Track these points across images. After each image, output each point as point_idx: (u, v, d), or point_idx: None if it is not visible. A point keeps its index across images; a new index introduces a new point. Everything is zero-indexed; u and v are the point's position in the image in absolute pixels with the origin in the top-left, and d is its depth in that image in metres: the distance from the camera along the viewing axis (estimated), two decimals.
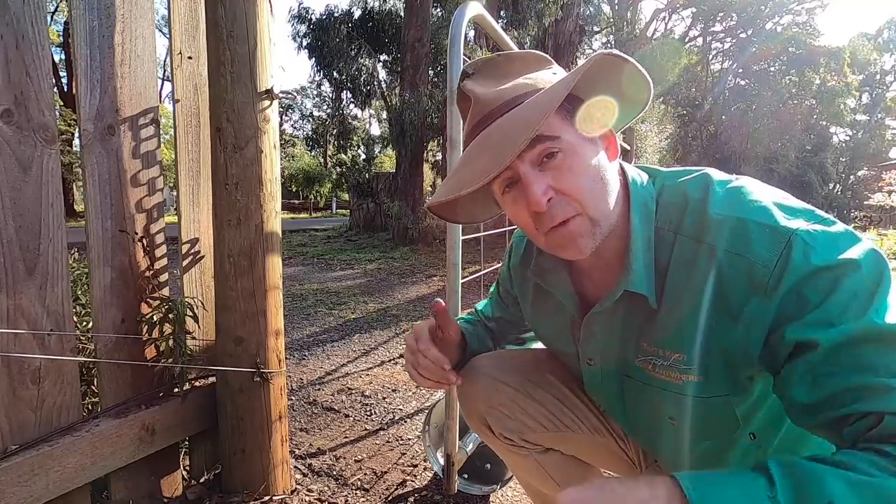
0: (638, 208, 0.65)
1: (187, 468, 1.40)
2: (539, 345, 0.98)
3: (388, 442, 1.74)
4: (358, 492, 1.43)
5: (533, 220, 0.63)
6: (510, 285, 0.93)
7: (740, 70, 25.30)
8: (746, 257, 0.55)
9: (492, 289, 1.03)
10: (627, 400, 0.76)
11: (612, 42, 18.87)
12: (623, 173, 0.69)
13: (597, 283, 0.74)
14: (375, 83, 12.77)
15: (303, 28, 12.26)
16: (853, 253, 0.52)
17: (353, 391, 2.21)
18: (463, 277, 1.28)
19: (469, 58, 0.95)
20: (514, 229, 0.91)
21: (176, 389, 1.26)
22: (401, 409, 2.02)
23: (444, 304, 0.77)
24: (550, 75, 0.67)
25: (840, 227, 0.55)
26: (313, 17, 12.18)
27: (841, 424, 0.50)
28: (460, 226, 1.21)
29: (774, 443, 0.69)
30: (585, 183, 0.61)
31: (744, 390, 0.63)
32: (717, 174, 0.66)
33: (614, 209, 0.64)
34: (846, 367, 0.50)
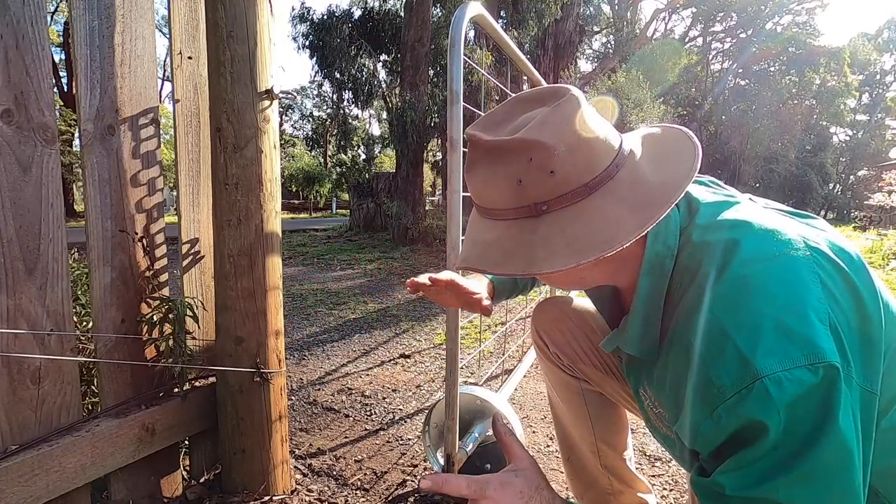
0: (649, 270, 0.64)
1: (187, 468, 1.40)
2: None
3: (388, 442, 1.74)
4: (358, 492, 1.43)
5: None
6: None
7: (740, 70, 25.29)
8: (707, 372, 0.53)
9: None
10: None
11: (612, 42, 18.85)
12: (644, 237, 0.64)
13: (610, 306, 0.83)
14: (376, 83, 12.78)
15: (304, 28, 12.28)
16: (802, 430, 0.49)
17: (353, 391, 2.21)
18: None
19: (469, 58, 0.95)
20: None
21: (176, 389, 1.26)
22: (401, 409, 2.02)
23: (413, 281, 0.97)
24: (539, 122, 0.58)
25: (820, 380, 0.48)
26: (314, 17, 12.21)
27: None
28: (460, 226, 1.22)
29: None
30: (569, 288, 0.75)
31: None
32: (752, 238, 0.57)
33: (608, 274, 0.69)
34: None
